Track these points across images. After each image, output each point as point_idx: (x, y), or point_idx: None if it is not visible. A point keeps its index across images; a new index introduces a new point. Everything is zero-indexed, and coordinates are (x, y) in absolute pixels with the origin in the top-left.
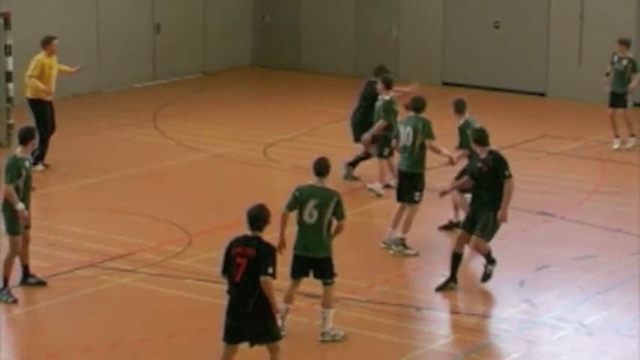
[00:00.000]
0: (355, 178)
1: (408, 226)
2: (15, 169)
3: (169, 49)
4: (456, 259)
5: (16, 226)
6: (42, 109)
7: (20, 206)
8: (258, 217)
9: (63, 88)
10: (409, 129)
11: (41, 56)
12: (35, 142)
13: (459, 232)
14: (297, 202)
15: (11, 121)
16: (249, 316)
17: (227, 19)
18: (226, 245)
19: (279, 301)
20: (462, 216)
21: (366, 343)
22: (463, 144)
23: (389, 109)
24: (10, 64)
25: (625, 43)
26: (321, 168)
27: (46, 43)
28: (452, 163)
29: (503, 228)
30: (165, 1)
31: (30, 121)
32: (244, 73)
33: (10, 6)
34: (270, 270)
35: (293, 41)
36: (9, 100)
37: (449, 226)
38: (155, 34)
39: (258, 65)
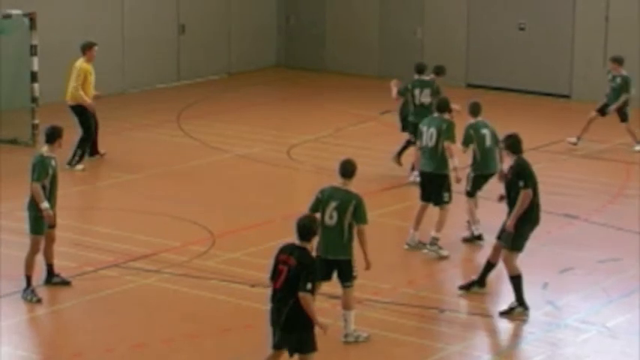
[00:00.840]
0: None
1: (441, 226)
2: (42, 168)
3: (194, 49)
4: (489, 266)
5: (40, 225)
6: (84, 113)
7: (45, 205)
8: (305, 228)
9: None
10: (433, 130)
11: (81, 63)
12: (61, 142)
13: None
14: (320, 203)
15: (36, 121)
16: (284, 324)
17: (252, 20)
18: (276, 250)
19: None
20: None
21: (389, 344)
22: (465, 142)
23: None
24: (35, 64)
25: (617, 60)
26: (347, 169)
27: (87, 48)
28: (457, 179)
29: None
30: (190, 1)
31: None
32: (269, 74)
33: (36, 6)
34: (309, 286)
35: (317, 42)
36: (34, 100)
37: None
38: (180, 34)
39: (282, 66)
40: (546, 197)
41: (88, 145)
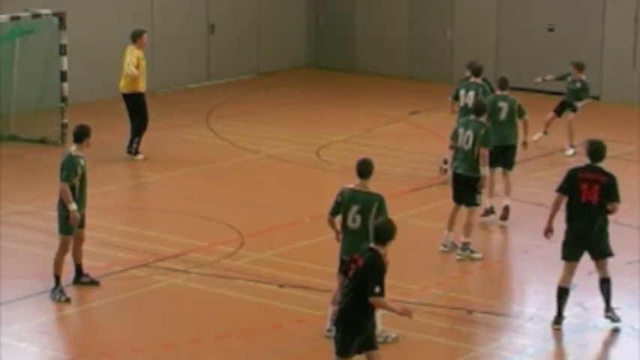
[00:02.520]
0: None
1: (470, 229)
2: (71, 167)
3: (223, 49)
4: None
5: (70, 225)
6: (137, 102)
7: (73, 207)
8: (382, 230)
9: (118, 88)
10: (470, 132)
11: (133, 48)
12: (89, 141)
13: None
14: (340, 207)
15: (65, 121)
16: (337, 320)
17: (281, 20)
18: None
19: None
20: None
21: (417, 345)
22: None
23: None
24: (64, 63)
25: (578, 66)
26: (365, 169)
27: (138, 36)
28: (482, 186)
29: (556, 232)
30: (220, 1)
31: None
32: (298, 74)
33: (65, 6)
34: (377, 289)
35: (347, 43)
36: (63, 99)
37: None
38: (209, 34)
39: (311, 66)
40: None
41: (143, 132)
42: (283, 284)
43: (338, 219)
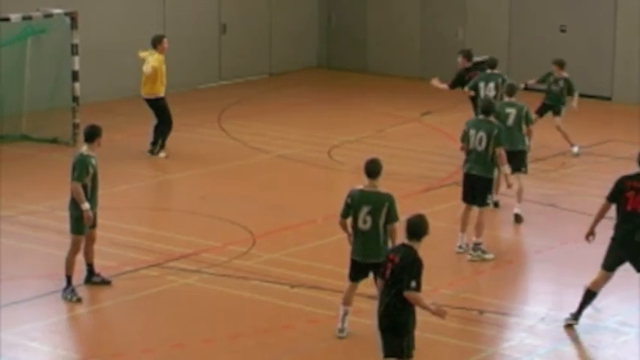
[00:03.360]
0: None
1: (481, 230)
2: (83, 167)
3: (235, 50)
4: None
5: (81, 225)
6: (159, 105)
7: (86, 206)
8: (415, 225)
9: (130, 88)
10: (482, 134)
11: (153, 52)
12: (100, 141)
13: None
14: (350, 208)
15: (77, 121)
16: (379, 322)
17: (293, 20)
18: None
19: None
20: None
21: (429, 345)
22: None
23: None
24: (76, 63)
25: (559, 63)
26: (373, 169)
27: (158, 42)
28: (509, 185)
29: (568, 233)
30: (232, 1)
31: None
32: (310, 74)
33: (77, 5)
34: (413, 284)
35: (359, 43)
36: (75, 99)
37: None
38: (221, 34)
39: (323, 67)
40: (589, 199)
41: (168, 133)
42: (295, 285)
43: (349, 221)
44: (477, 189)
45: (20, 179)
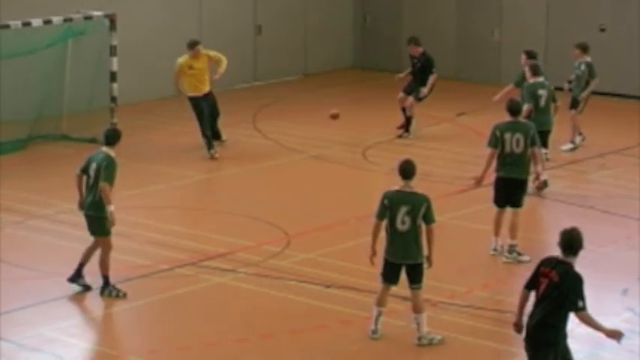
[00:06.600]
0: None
1: (516, 231)
2: (114, 170)
3: (270, 50)
4: None
5: (109, 226)
6: (197, 105)
7: (112, 208)
8: (571, 240)
9: (165, 88)
10: (519, 135)
11: (182, 59)
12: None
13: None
14: (387, 210)
15: (115, 121)
16: (529, 338)
17: (328, 20)
18: (539, 260)
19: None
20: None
21: (462, 347)
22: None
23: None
24: (114, 64)
25: (582, 47)
26: (409, 170)
27: (191, 47)
28: (538, 180)
29: (606, 236)
30: (267, 2)
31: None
32: (345, 74)
33: (115, 7)
34: (580, 304)
35: (394, 43)
36: (113, 99)
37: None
38: (256, 35)
39: (359, 67)
40: (627, 202)
41: (207, 132)
42: (329, 285)
43: (384, 223)
44: (510, 191)
45: (60, 178)
